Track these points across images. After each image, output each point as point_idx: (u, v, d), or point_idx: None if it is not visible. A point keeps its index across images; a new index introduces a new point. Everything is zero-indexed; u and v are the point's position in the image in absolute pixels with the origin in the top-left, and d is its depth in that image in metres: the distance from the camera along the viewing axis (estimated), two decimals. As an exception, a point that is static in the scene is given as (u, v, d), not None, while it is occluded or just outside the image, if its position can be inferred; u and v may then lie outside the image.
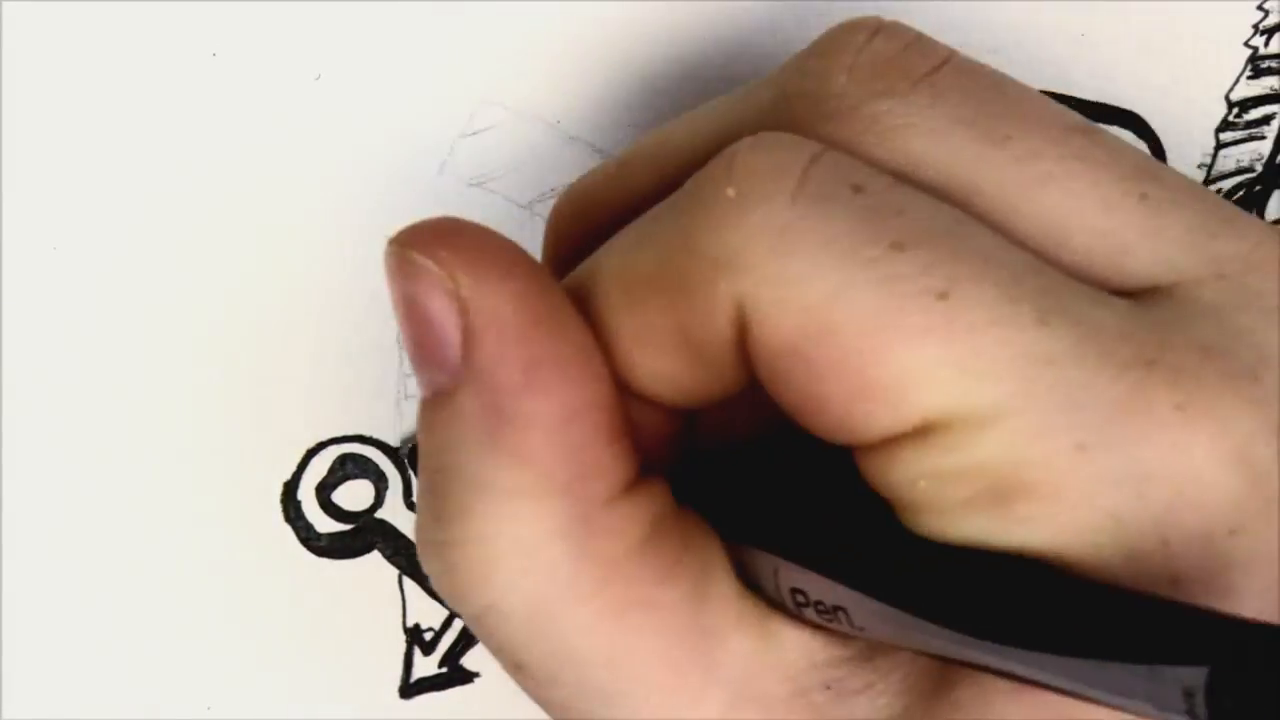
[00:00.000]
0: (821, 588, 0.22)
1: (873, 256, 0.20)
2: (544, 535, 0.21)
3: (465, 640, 0.32)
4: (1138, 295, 0.22)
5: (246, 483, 0.31)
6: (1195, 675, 0.17)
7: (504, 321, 0.21)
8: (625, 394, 0.22)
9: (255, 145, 0.29)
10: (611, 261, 0.23)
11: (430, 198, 0.30)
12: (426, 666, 0.32)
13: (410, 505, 0.31)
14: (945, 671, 0.22)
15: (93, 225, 0.29)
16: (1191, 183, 0.23)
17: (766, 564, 0.23)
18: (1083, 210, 0.22)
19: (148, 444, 0.30)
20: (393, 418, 0.31)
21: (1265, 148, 0.32)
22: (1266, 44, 0.31)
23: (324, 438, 0.31)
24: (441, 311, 0.21)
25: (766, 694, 0.22)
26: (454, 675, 0.32)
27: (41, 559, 0.30)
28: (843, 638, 0.22)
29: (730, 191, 0.21)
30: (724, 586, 0.22)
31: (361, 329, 0.31)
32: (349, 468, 0.31)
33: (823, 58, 0.23)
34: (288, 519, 0.31)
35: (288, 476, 0.31)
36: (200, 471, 0.31)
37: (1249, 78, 0.31)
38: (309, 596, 0.31)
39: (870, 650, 0.22)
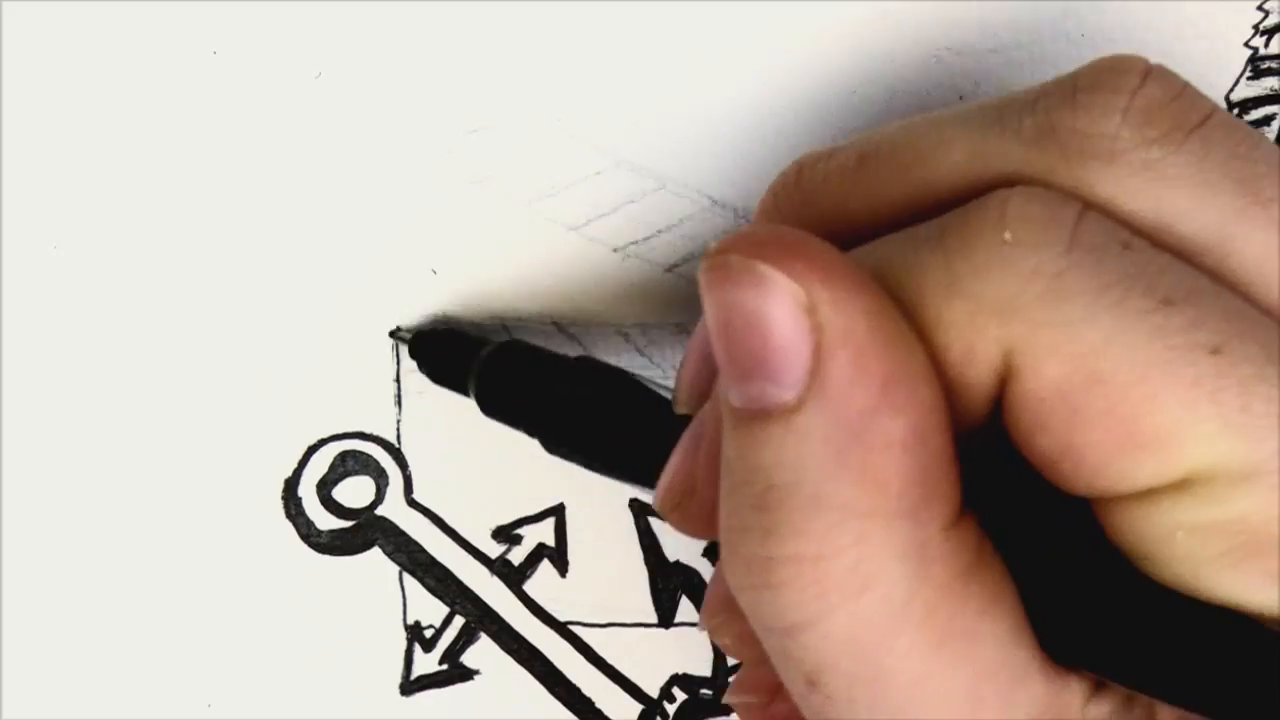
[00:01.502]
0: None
1: (1145, 308, 0.20)
2: (886, 557, 0.21)
3: (466, 637, 0.32)
4: None
5: (248, 479, 0.31)
6: None
7: (859, 337, 0.20)
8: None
9: (255, 144, 0.29)
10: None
11: (430, 197, 0.30)
12: (427, 663, 0.32)
13: (410, 502, 0.31)
14: None
15: (93, 225, 0.29)
16: None
17: None
18: None
19: (148, 442, 0.30)
20: (392, 415, 0.31)
21: (1265, 148, 0.32)
22: (1266, 44, 0.31)
23: (324, 434, 0.31)
24: (789, 324, 0.20)
25: None
26: (454, 672, 0.32)
27: (41, 559, 0.30)
28: (1127, 700, 0.22)
29: (1006, 235, 0.21)
30: (1029, 630, 0.22)
31: (361, 327, 0.31)
32: (349, 464, 0.31)
33: (1094, 93, 0.22)
34: (289, 515, 0.31)
35: (289, 473, 0.31)
36: (201, 469, 0.31)
37: (1249, 78, 0.31)
38: (310, 593, 0.31)
39: (1150, 713, 0.22)
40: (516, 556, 0.32)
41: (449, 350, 0.30)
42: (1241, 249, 0.22)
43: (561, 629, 0.32)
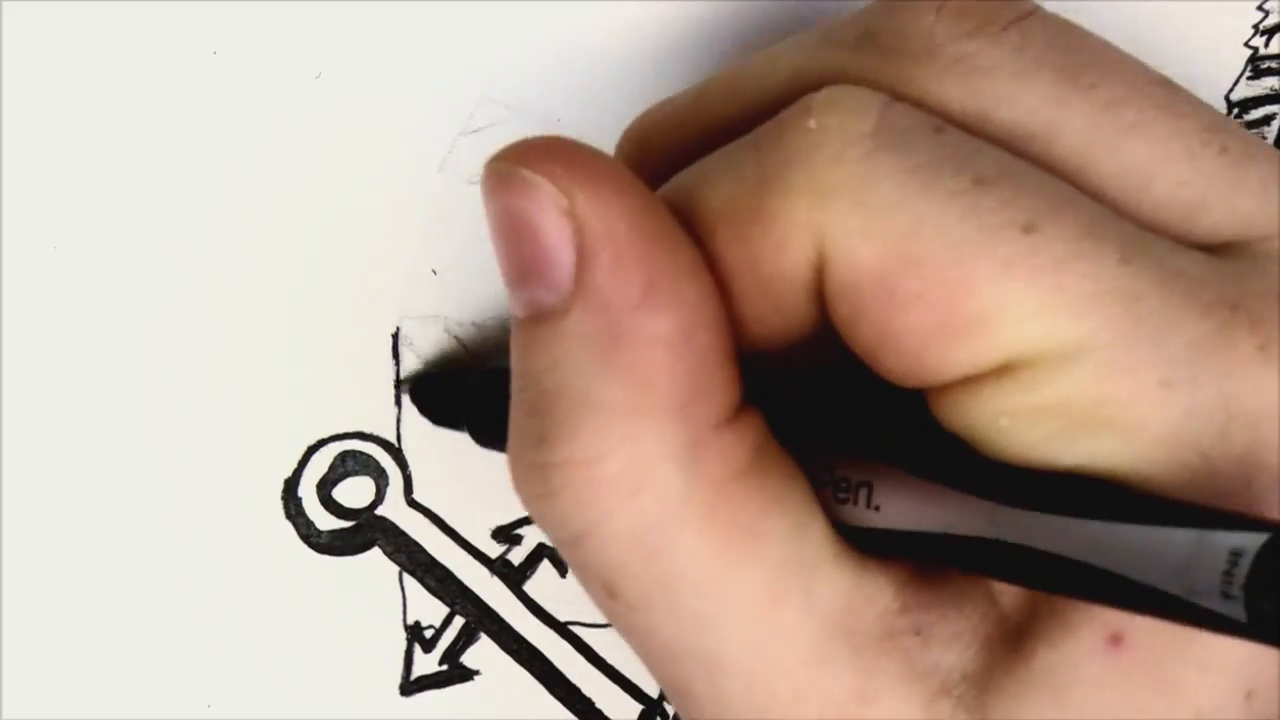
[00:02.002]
0: (850, 467, 0.22)
1: (956, 189, 0.20)
2: (658, 456, 0.21)
3: (466, 637, 0.32)
4: (1212, 249, 0.22)
5: (247, 480, 0.31)
6: (1249, 540, 0.17)
7: (620, 239, 0.20)
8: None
9: (255, 144, 0.29)
10: (684, 194, 0.22)
11: (430, 196, 0.30)
12: (427, 664, 0.32)
13: (410, 502, 0.31)
14: (1025, 629, 0.22)
15: (93, 225, 0.29)
16: (1261, 140, 0.23)
17: (808, 460, 0.23)
18: (1164, 160, 0.22)
19: (148, 442, 0.30)
20: (392, 415, 0.31)
21: (1265, 148, 0.32)
22: (1266, 44, 0.31)
23: (325, 434, 0.31)
24: (553, 228, 0.20)
25: (858, 632, 0.22)
26: (454, 673, 0.32)
27: (41, 559, 0.30)
28: (935, 582, 0.22)
29: (811, 123, 0.21)
30: (821, 522, 0.22)
31: (361, 326, 0.31)
32: (349, 464, 0.31)
33: None
34: (288, 516, 0.31)
35: (289, 473, 0.31)
36: (201, 469, 0.31)
37: (1249, 78, 0.31)
38: (309, 594, 0.31)
39: (959, 596, 0.22)
40: (517, 556, 0.32)
41: (444, 392, 0.30)
42: (1064, 134, 0.22)
43: (562, 629, 0.32)
